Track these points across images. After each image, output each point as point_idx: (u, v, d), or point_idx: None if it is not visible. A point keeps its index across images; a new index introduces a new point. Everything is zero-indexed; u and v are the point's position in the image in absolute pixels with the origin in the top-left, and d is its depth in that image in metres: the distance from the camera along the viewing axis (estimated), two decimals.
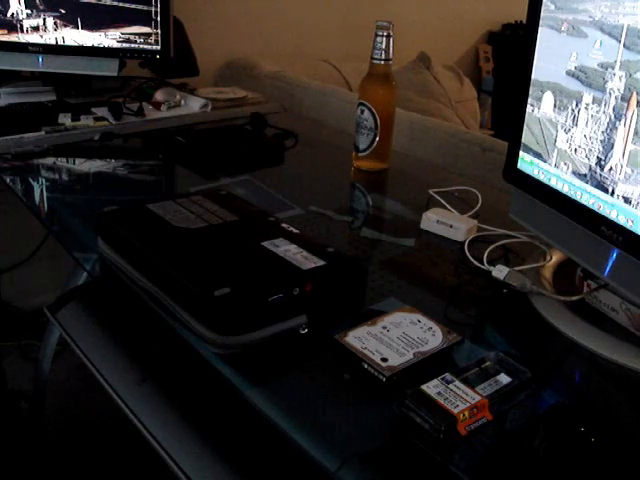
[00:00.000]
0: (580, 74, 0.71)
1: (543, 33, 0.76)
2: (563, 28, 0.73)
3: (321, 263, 0.72)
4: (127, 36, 1.46)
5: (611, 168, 0.68)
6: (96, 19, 1.43)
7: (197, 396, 0.73)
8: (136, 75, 1.60)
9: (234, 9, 2.13)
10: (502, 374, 0.60)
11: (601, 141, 0.69)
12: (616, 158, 0.67)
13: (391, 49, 1.13)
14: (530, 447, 0.58)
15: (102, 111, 1.40)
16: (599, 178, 0.70)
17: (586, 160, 0.72)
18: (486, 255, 0.86)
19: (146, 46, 1.47)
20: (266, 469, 0.64)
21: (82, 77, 1.51)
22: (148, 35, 1.46)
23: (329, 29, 2.43)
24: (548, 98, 0.76)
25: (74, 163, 1.21)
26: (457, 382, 0.58)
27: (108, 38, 1.45)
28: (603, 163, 0.69)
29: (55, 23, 1.42)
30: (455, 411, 0.54)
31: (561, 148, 0.76)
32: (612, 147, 0.67)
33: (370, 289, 0.77)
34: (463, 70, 2.55)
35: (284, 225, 0.81)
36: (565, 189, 0.76)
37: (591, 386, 0.70)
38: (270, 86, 1.91)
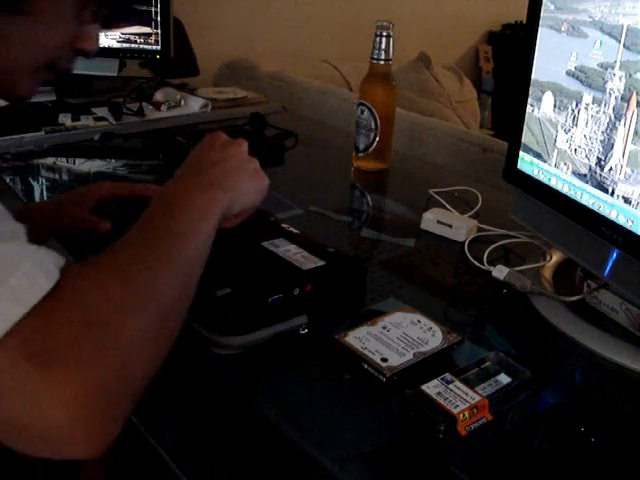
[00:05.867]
0: (580, 74, 0.71)
1: (543, 33, 0.76)
2: (563, 28, 0.73)
3: (321, 263, 0.72)
4: (127, 36, 1.46)
5: (611, 168, 0.68)
6: None
7: (197, 396, 0.73)
8: (136, 75, 1.60)
9: (234, 9, 2.14)
10: (502, 374, 0.60)
11: (601, 141, 0.69)
12: (616, 158, 0.67)
13: (391, 49, 1.13)
14: (530, 447, 0.58)
15: (102, 111, 1.41)
16: (599, 178, 0.70)
17: (586, 160, 0.72)
18: (486, 255, 0.86)
19: (146, 46, 1.47)
20: (266, 469, 0.64)
21: (82, 77, 1.51)
22: (148, 35, 1.46)
23: (329, 29, 2.43)
24: (548, 98, 0.76)
25: (74, 163, 1.21)
26: (457, 382, 0.58)
27: (108, 38, 1.45)
28: (603, 163, 0.69)
29: None
30: (455, 411, 0.54)
31: (561, 148, 0.76)
32: (612, 147, 0.67)
33: (370, 289, 0.77)
34: (463, 70, 2.55)
35: (284, 225, 0.81)
36: (565, 189, 0.76)
37: (591, 386, 0.70)
38: (270, 86, 1.91)
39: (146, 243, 0.51)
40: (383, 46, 1.13)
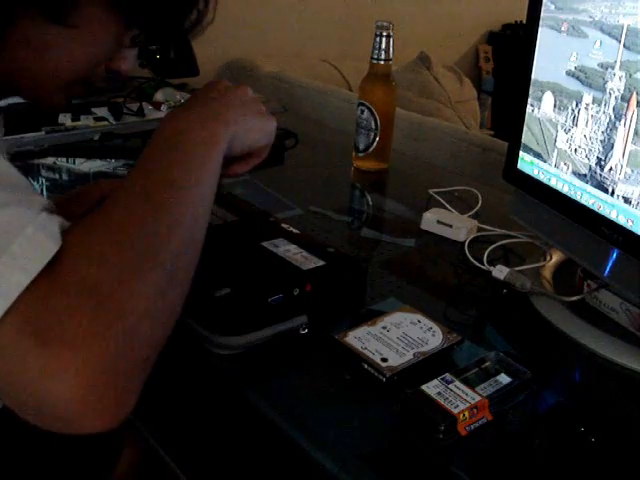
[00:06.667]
0: (580, 74, 0.71)
1: (543, 33, 0.76)
2: (563, 28, 0.73)
3: (321, 263, 0.72)
4: None
5: (611, 168, 0.68)
6: None
7: (197, 396, 0.73)
8: (136, 75, 1.60)
9: (234, 9, 2.13)
10: (502, 374, 0.60)
11: (601, 141, 0.69)
12: (616, 158, 0.67)
13: (391, 49, 1.13)
14: (530, 447, 0.58)
15: (102, 111, 1.40)
16: (599, 178, 0.70)
17: (586, 160, 0.72)
18: (486, 255, 0.86)
19: None
20: (266, 469, 0.64)
21: None
22: None
23: (329, 29, 2.43)
24: (548, 98, 0.76)
25: (74, 163, 1.21)
26: (457, 382, 0.58)
27: None
28: (603, 163, 0.69)
29: None
30: (455, 411, 0.54)
31: (561, 148, 0.76)
32: (612, 147, 0.67)
33: (370, 289, 0.77)
34: (463, 70, 2.54)
35: (284, 225, 0.81)
36: (565, 189, 0.76)
37: (591, 386, 0.70)
38: (270, 86, 1.91)
39: (142, 193, 0.48)
40: (383, 46, 1.13)
